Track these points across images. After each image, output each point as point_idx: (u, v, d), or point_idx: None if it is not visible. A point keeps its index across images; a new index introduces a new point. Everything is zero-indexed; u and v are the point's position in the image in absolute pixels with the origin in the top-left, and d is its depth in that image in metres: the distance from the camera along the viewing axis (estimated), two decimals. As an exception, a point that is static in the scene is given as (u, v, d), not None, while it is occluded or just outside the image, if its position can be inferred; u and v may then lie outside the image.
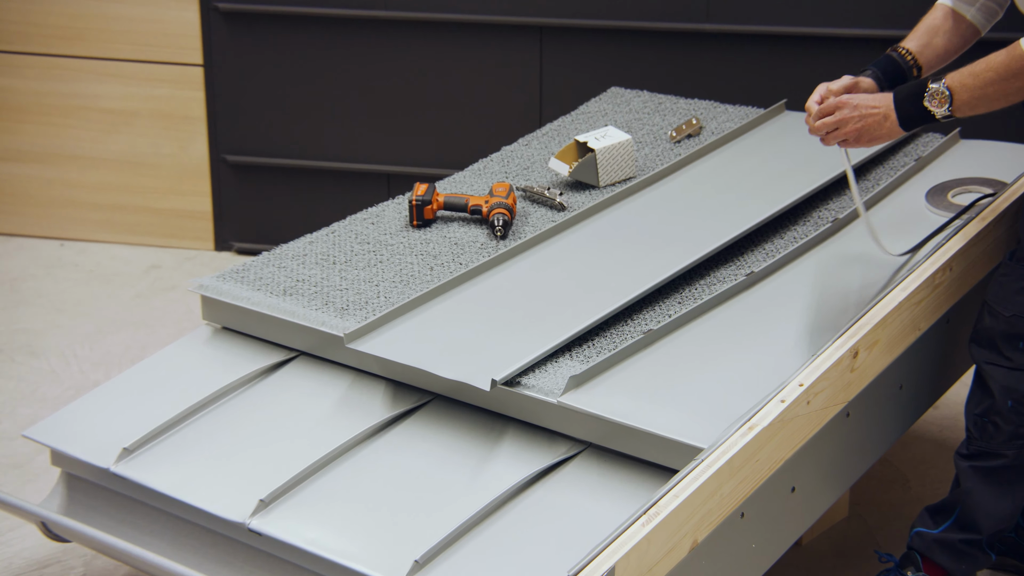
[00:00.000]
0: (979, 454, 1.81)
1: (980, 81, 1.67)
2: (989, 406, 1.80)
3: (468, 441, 1.76)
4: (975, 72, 1.69)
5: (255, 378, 1.93)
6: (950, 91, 1.69)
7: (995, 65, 1.67)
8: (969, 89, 1.69)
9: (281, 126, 3.46)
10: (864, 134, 1.74)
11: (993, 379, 1.78)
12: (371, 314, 1.93)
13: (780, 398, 1.65)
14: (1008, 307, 1.75)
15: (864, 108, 1.73)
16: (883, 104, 1.72)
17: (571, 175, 2.33)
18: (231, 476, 1.72)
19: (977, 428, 1.82)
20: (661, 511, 1.47)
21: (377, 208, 2.30)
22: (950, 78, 1.70)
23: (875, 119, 1.72)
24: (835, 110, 1.75)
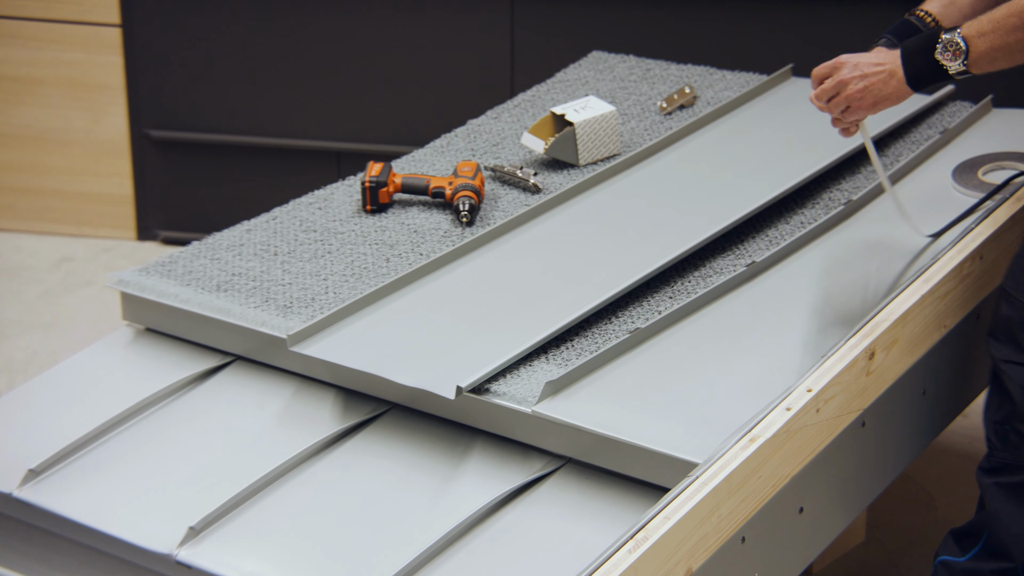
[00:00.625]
0: (1003, 467, 1.78)
1: (1001, 28, 1.65)
2: (1010, 411, 1.77)
3: (430, 457, 1.76)
4: (995, 19, 1.67)
5: (184, 387, 1.92)
6: (965, 41, 1.67)
7: (1018, 9, 1.64)
8: (988, 38, 1.66)
9: (213, 96, 3.45)
10: (868, 95, 1.72)
11: (1012, 379, 1.75)
12: (318, 312, 1.94)
13: (785, 406, 1.67)
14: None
15: (866, 66, 1.71)
16: (889, 60, 1.71)
17: (547, 152, 2.34)
18: (156, 501, 1.71)
19: (999, 437, 1.79)
20: (650, 536, 1.48)
21: (325, 191, 2.30)
22: (967, 26, 1.68)
23: (879, 78, 1.70)
24: (832, 71, 1.73)
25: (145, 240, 3.57)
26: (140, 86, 3.45)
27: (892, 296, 1.88)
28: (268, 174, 3.49)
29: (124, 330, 2.05)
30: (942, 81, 1.69)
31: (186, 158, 3.50)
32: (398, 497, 1.70)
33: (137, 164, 3.51)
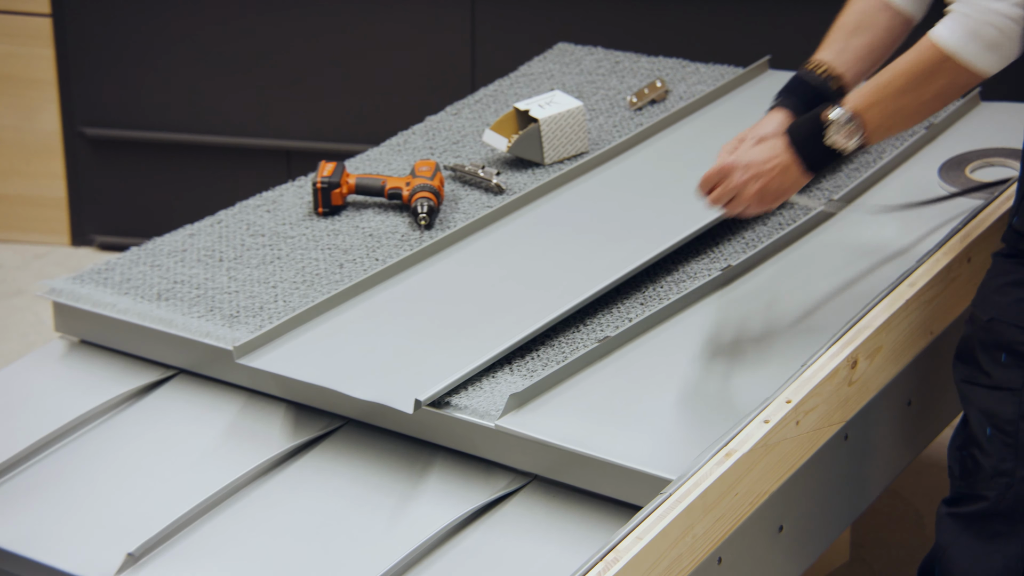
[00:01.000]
0: (960, 498, 1.79)
1: (890, 93, 1.64)
2: (968, 436, 1.77)
3: (387, 476, 1.77)
4: (881, 84, 1.65)
5: (122, 403, 1.92)
6: (856, 117, 1.66)
7: (904, 70, 1.64)
8: (878, 107, 1.64)
9: (153, 91, 3.44)
10: (767, 194, 1.70)
11: (970, 402, 1.76)
12: (267, 322, 1.94)
13: (763, 418, 1.69)
14: (986, 309, 1.72)
15: (757, 165, 1.69)
16: (779, 153, 1.68)
17: (510, 151, 2.35)
18: (91, 526, 1.71)
19: (959, 465, 1.80)
20: (621, 557, 1.49)
21: (274, 192, 2.30)
22: (852, 100, 1.66)
23: (774, 174, 1.68)
24: (722, 178, 1.71)
25: (80, 246, 3.55)
26: (73, 80, 3.44)
27: (875, 301, 1.91)
28: (212, 175, 3.48)
29: (57, 342, 2.04)
30: (841, 160, 1.69)
31: (124, 158, 3.49)
32: (353, 519, 1.71)
33: (71, 164, 3.50)
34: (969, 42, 1.59)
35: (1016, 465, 1.72)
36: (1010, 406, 1.71)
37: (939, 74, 1.62)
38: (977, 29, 1.58)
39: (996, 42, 1.59)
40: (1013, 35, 1.58)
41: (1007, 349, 1.69)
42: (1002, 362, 1.71)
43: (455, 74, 3.33)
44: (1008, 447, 1.72)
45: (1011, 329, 1.68)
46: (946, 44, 1.60)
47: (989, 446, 1.74)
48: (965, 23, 1.59)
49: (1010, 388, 1.70)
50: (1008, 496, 1.75)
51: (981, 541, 1.78)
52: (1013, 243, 1.65)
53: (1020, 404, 1.70)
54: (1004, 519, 1.76)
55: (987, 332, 1.71)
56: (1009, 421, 1.71)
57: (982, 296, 1.71)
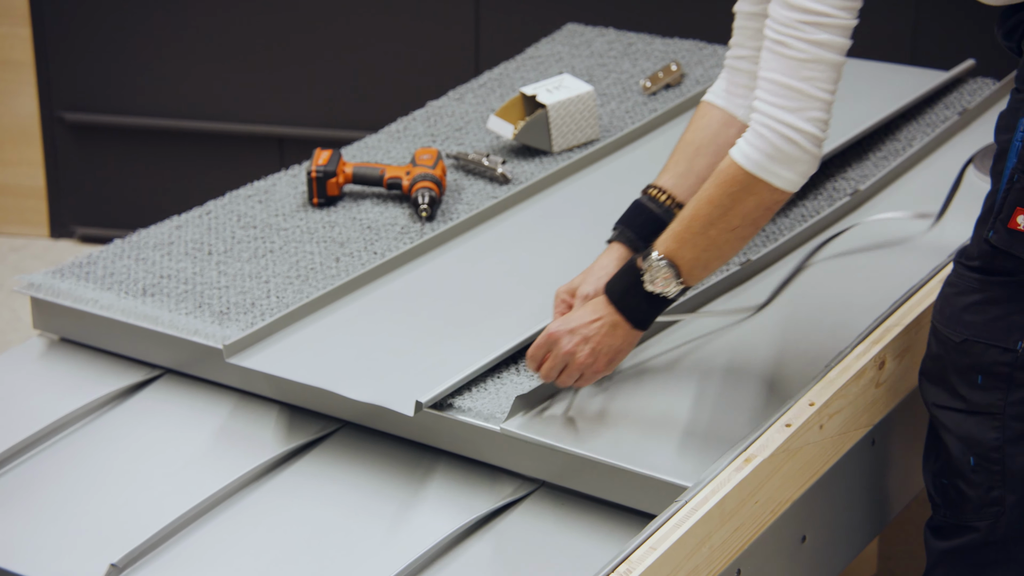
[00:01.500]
0: (947, 528, 1.79)
1: (698, 227, 1.64)
2: (945, 464, 1.77)
3: (386, 482, 1.77)
4: (686, 219, 1.65)
5: (105, 405, 1.93)
6: (669, 261, 1.65)
7: (708, 198, 1.64)
8: (689, 244, 1.64)
9: (137, 73, 3.44)
10: (600, 356, 1.70)
11: (946, 428, 1.75)
12: (258, 319, 1.95)
13: (785, 422, 1.69)
14: (958, 329, 1.70)
15: (583, 329, 1.69)
16: (602, 311, 1.69)
17: (516, 138, 2.35)
18: (72, 535, 1.72)
19: (938, 492, 1.79)
20: (634, 568, 1.50)
21: (266, 182, 2.31)
22: (662, 243, 1.67)
23: (602, 333, 1.68)
24: (548, 348, 1.71)
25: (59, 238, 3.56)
26: (51, 62, 3.44)
27: (904, 298, 1.91)
28: (201, 163, 3.49)
29: (35, 340, 2.05)
30: (666, 307, 1.69)
31: (106, 144, 3.50)
32: (350, 528, 1.71)
33: (49, 151, 3.50)
34: (766, 159, 1.60)
35: (1005, 492, 1.73)
36: (992, 432, 1.71)
37: (744, 197, 1.62)
38: (774, 144, 1.60)
39: (794, 157, 1.60)
40: (806, 148, 1.60)
41: (984, 371, 1.70)
42: (978, 384, 1.71)
43: (458, 57, 3.34)
44: (995, 475, 1.73)
45: (990, 350, 1.69)
46: (746, 164, 1.61)
47: (974, 476, 1.74)
48: (758, 140, 1.61)
49: (990, 412, 1.71)
50: (1000, 524, 1.75)
51: (976, 573, 1.79)
52: (988, 259, 1.66)
53: (1004, 429, 1.71)
54: (998, 547, 1.76)
55: (961, 353, 1.71)
56: (994, 448, 1.72)
57: (950, 314, 1.71)
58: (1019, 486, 1.74)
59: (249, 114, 3.43)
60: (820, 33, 1.59)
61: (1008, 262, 1.66)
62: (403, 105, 2.71)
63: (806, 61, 1.60)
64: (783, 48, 1.60)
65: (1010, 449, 1.72)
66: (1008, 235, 1.64)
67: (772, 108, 1.61)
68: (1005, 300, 1.68)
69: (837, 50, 1.61)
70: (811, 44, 1.60)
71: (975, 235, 1.69)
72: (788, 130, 1.60)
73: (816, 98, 1.60)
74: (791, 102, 1.60)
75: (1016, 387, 1.70)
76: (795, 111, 1.60)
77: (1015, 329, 1.68)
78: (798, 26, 1.59)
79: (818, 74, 1.60)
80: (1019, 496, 1.74)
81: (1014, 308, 1.68)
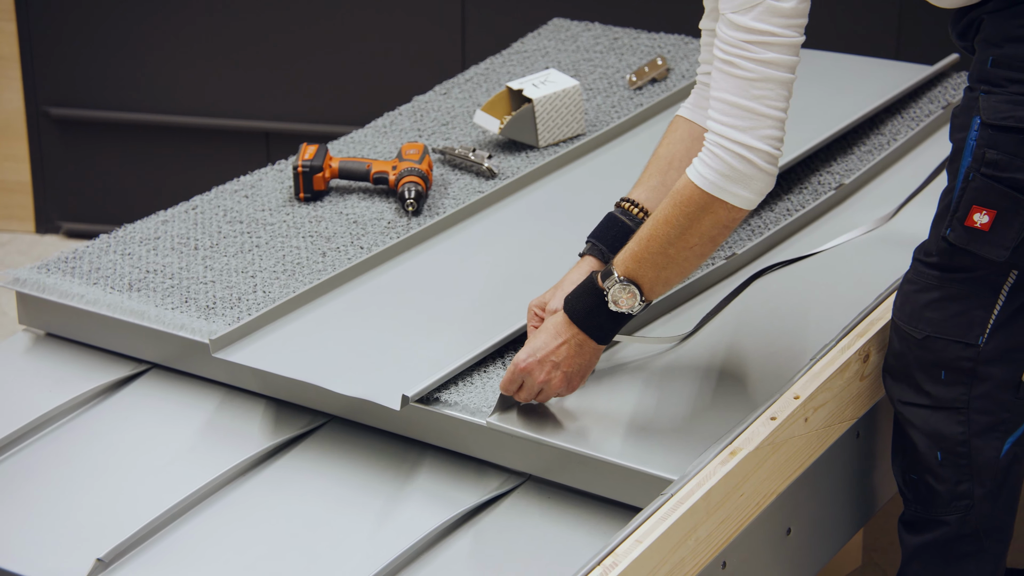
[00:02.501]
0: (919, 522, 1.81)
1: (656, 246, 1.64)
2: (913, 459, 1.80)
3: (372, 476, 1.78)
4: (643, 238, 1.66)
5: (91, 400, 1.92)
6: (632, 281, 1.66)
7: (665, 217, 1.64)
8: (648, 262, 1.65)
9: (123, 68, 3.44)
10: (573, 376, 1.71)
11: (912, 424, 1.78)
12: (245, 314, 1.94)
13: (770, 415, 1.70)
14: (920, 326, 1.74)
15: (551, 354, 1.69)
16: (565, 333, 1.70)
17: (502, 132, 2.35)
18: (58, 530, 1.72)
19: (907, 487, 1.82)
20: (620, 561, 1.50)
21: (252, 176, 2.30)
22: (621, 262, 1.67)
23: (570, 355, 1.69)
24: (520, 379, 1.71)
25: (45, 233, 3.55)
26: (37, 57, 3.43)
27: (888, 291, 1.91)
28: (187, 158, 3.48)
29: (21, 335, 2.04)
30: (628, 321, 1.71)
31: (92, 139, 3.49)
32: (337, 522, 1.71)
33: (35, 146, 3.49)
34: (721, 178, 1.62)
35: (973, 486, 1.76)
36: (957, 426, 1.74)
37: (701, 217, 1.64)
38: (728, 164, 1.61)
39: (749, 176, 1.62)
40: (761, 167, 1.62)
41: (947, 367, 1.73)
42: (942, 380, 1.74)
43: (444, 51, 3.34)
44: (962, 469, 1.76)
45: (952, 346, 1.71)
46: (702, 184, 1.63)
47: (942, 471, 1.77)
48: (712, 160, 1.62)
49: (954, 407, 1.74)
50: (971, 517, 1.78)
51: (950, 566, 1.81)
52: (946, 256, 1.68)
53: (968, 423, 1.74)
54: (970, 540, 1.79)
55: (923, 350, 1.74)
56: (959, 442, 1.75)
57: (911, 311, 1.73)
58: (987, 479, 1.75)
59: (236, 109, 3.43)
60: (767, 52, 1.60)
61: (966, 259, 1.68)
62: (389, 100, 2.71)
63: (755, 80, 1.60)
64: (732, 68, 1.61)
65: (976, 442, 1.74)
66: (965, 232, 1.66)
67: (724, 128, 1.61)
68: (964, 296, 1.70)
69: (785, 68, 1.61)
70: (759, 64, 1.60)
71: (932, 232, 1.72)
72: (742, 149, 1.61)
73: (767, 116, 1.61)
74: (743, 121, 1.61)
75: (979, 381, 1.72)
76: (747, 130, 1.61)
77: (976, 324, 1.70)
78: (745, 46, 1.60)
79: (768, 92, 1.61)
80: (987, 489, 1.76)
81: (974, 304, 1.70)
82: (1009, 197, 1.64)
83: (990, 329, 1.71)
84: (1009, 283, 1.69)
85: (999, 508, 1.78)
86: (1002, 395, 1.74)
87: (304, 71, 3.39)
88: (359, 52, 3.37)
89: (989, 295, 1.70)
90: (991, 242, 1.65)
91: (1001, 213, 1.64)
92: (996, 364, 1.72)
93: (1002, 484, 1.77)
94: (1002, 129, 1.63)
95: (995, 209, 1.64)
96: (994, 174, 1.63)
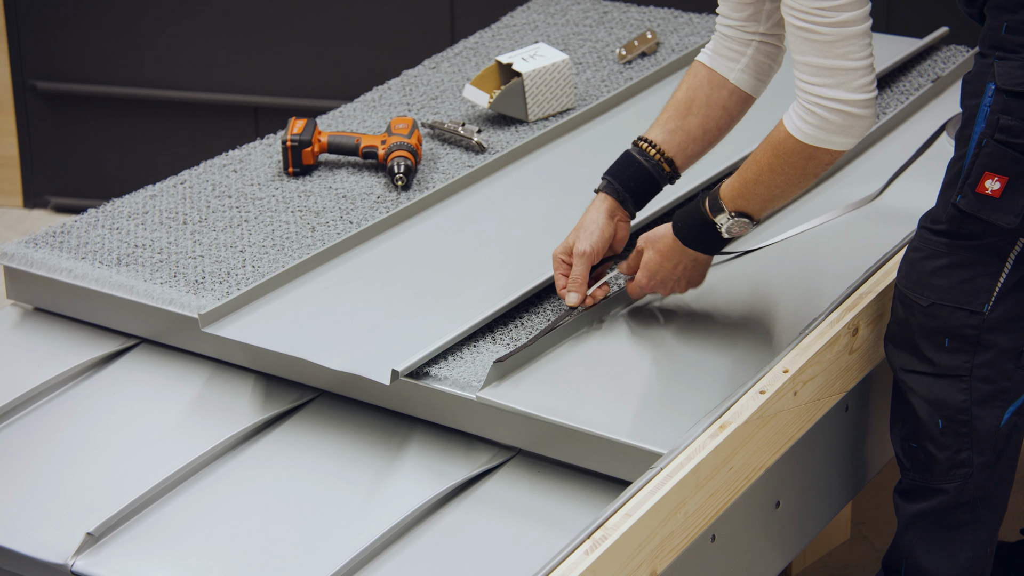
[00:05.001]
0: (916, 490, 1.83)
1: (764, 188, 1.74)
2: (914, 427, 1.80)
3: (362, 451, 1.78)
4: (748, 181, 1.75)
5: (80, 374, 1.92)
6: (740, 213, 1.77)
7: (769, 165, 1.73)
8: (757, 198, 1.76)
9: (111, 42, 3.42)
10: (695, 279, 1.85)
11: (914, 392, 1.79)
12: (234, 289, 1.94)
13: (759, 388, 1.70)
14: (925, 293, 1.75)
15: (671, 275, 1.83)
16: (680, 255, 1.82)
17: (492, 107, 2.35)
18: (48, 504, 1.72)
19: (906, 456, 1.83)
20: (609, 535, 1.51)
21: (241, 151, 2.30)
22: (730, 200, 1.76)
23: (688, 268, 1.83)
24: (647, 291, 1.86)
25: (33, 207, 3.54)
26: (24, 30, 3.42)
27: (877, 264, 1.92)
28: (175, 132, 3.47)
29: (9, 310, 2.04)
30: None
31: (79, 113, 3.48)
32: (327, 496, 1.72)
33: (22, 120, 3.48)
34: (822, 132, 1.67)
35: (973, 454, 1.76)
36: (959, 394, 1.75)
37: (804, 163, 1.71)
38: (825, 119, 1.66)
39: (846, 125, 1.67)
40: (859, 115, 1.66)
41: (951, 334, 1.73)
42: (945, 347, 1.75)
43: (434, 25, 3.32)
44: (963, 437, 1.77)
45: (957, 313, 1.72)
46: (801, 137, 1.69)
47: (943, 438, 1.78)
48: (811, 116, 1.67)
49: (957, 375, 1.75)
50: (969, 486, 1.79)
51: (946, 534, 1.82)
52: (956, 223, 1.69)
53: (970, 391, 1.75)
54: (967, 509, 1.80)
55: (928, 317, 1.74)
56: (961, 410, 1.75)
57: (916, 278, 1.74)
58: (987, 447, 1.76)
59: (224, 83, 3.42)
60: (840, 14, 1.63)
61: (975, 226, 1.68)
62: (378, 74, 2.70)
63: (835, 41, 1.64)
64: (809, 34, 1.65)
65: (977, 411, 1.74)
66: (976, 199, 1.66)
67: (815, 87, 1.66)
68: (971, 263, 1.70)
69: (860, 21, 1.64)
70: (834, 26, 1.63)
71: (941, 200, 1.72)
72: (836, 104, 1.65)
73: (854, 69, 1.65)
74: (832, 79, 1.65)
75: (983, 349, 1.72)
76: (838, 86, 1.65)
77: (981, 292, 1.70)
78: (818, 12, 1.63)
79: (849, 48, 1.64)
80: (987, 458, 1.77)
81: (980, 271, 1.70)
82: (1021, 163, 1.64)
83: (995, 297, 1.71)
84: (1016, 251, 1.70)
85: (996, 477, 1.79)
86: (1004, 364, 1.74)
87: (293, 45, 3.38)
88: (348, 26, 3.35)
89: (996, 263, 1.71)
90: (1002, 208, 1.66)
91: (1013, 179, 1.65)
92: (1000, 332, 1.73)
93: (1001, 453, 1.78)
94: (1017, 95, 1.63)
95: (1007, 175, 1.65)
96: (1008, 140, 1.64)
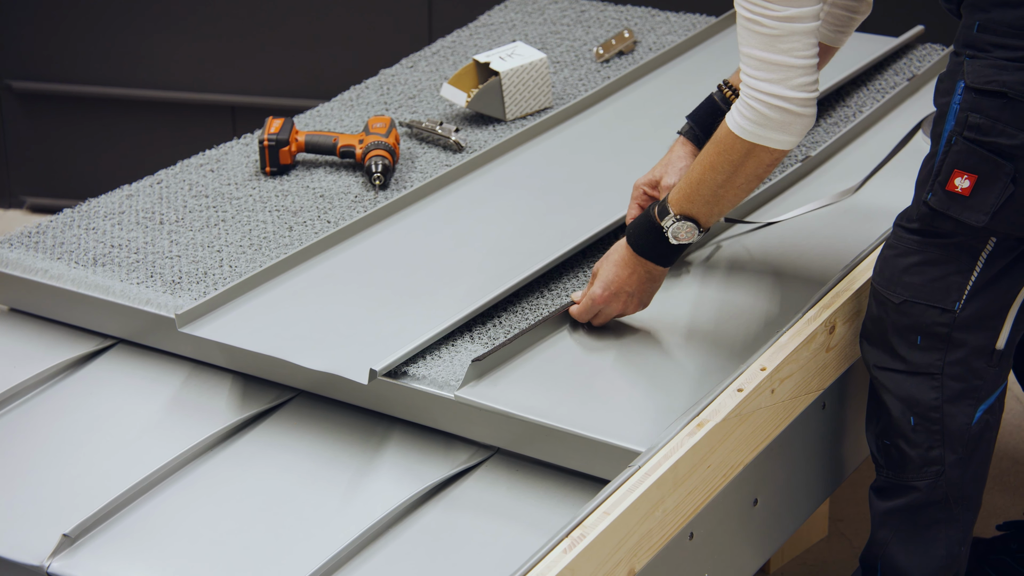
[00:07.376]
0: (890, 487, 1.84)
1: (707, 188, 1.74)
2: (887, 424, 1.82)
3: (340, 450, 1.78)
4: (693, 181, 1.75)
5: (56, 375, 1.92)
6: (685, 217, 1.76)
7: (710, 164, 1.73)
8: (701, 201, 1.75)
9: (87, 42, 3.41)
10: (647, 298, 1.83)
11: (886, 389, 1.80)
12: (211, 289, 1.94)
13: (736, 387, 1.70)
14: (897, 290, 1.76)
15: (625, 286, 1.81)
16: (634, 264, 1.80)
17: (469, 106, 2.35)
18: (24, 506, 1.71)
19: (880, 453, 1.84)
20: (587, 533, 1.51)
21: (217, 150, 2.29)
22: (675, 203, 1.76)
23: (641, 282, 1.81)
24: (597, 309, 1.83)
25: (8, 208, 3.53)
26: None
27: (854, 262, 1.92)
28: (152, 131, 3.46)
29: (-13, 311, 2.03)
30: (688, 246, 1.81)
31: (55, 113, 3.46)
32: (305, 496, 1.71)
33: (-2, 121, 3.47)
34: (759, 128, 1.68)
35: (945, 451, 1.77)
36: (931, 391, 1.76)
37: (744, 161, 1.71)
38: (764, 115, 1.67)
39: (784, 122, 1.68)
40: (798, 112, 1.67)
41: (923, 332, 1.74)
42: (918, 345, 1.76)
43: (411, 24, 3.32)
44: (934, 434, 1.78)
45: (929, 311, 1.73)
46: (740, 132, 1.70)
47: (915, 436, 1.79)
48: (749, 112, 1.68)
49: (929, 373, 1.76)
50: (940, 483, 1.80)
51: (920, 532, 1.83)
52: (927, 221, 1.70)
53: (942, 389, 1.76)
54: (940, 506, 1.81)
55: (901, 314, 1.75)
56: (933, 408, 1.76)
57: (890, 276, 1.75)
58: (958, 445, 1.77)
59: (201, 82, 3.41)
60: (789, 9, 1.63)
61: (946, 224, 1.69)
62: (356, 73, 2.69)
63: (780, 36, 1.65)
64: (756, 26, 1.65)
65: (949, 408, 1.75)
66: (946, 197, 1.67)
67: (757, 82, 1.67)
68: (943, 261, 1.71)
69: (808, 19, 1.65)
70: (782, 20, 1.64)
71: (915, 198, 1.73)
72: (776, 100, 1.66)
73: (797, 67, 1.66)
74: (774, 74, 1.66)
75: (954, 347, 1.73)
76: (779, 82, 1.66)
77: (953, 290, 1.71)
78: (766, 5, 1.64)
79: (794, 44, 1.65)
80: (959, 455, 1.78)
81: (952, 269, 1.71)
82: (990, 161, 1.65)
83: (967, 295, 1.72)
84: (987, 250, 1.71)
85: (969, 475, 1.80)
86: (976, 362, 1.75)
87: (270, 44, 3.37)
88: (325, 25, 3.35)
89: (967, 261, 1.71)
90: (971, 207, 1.67)
91: (982, 177, 1.66)
92: (971, 331, 1.74)
93: (973, 451, 1.79)
94: (985, 93, 1.64)
95: (976, 173, 1.66)
96: (976, 138, 1.65)
